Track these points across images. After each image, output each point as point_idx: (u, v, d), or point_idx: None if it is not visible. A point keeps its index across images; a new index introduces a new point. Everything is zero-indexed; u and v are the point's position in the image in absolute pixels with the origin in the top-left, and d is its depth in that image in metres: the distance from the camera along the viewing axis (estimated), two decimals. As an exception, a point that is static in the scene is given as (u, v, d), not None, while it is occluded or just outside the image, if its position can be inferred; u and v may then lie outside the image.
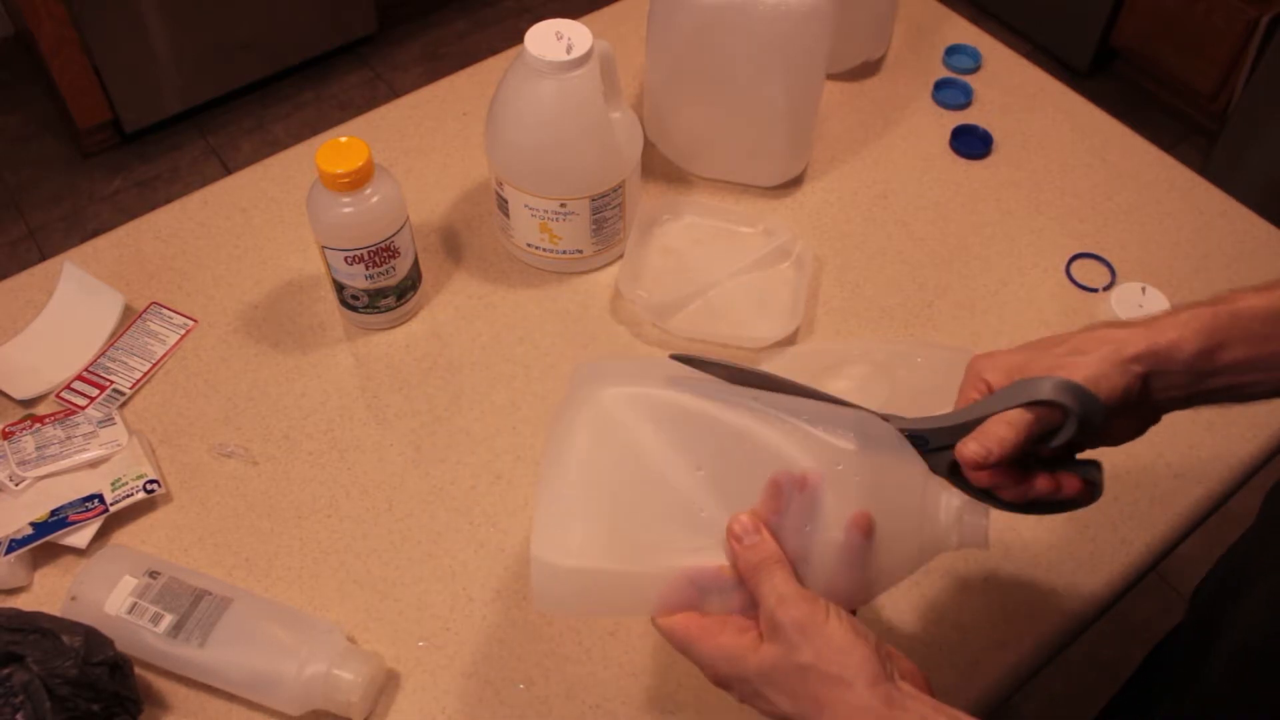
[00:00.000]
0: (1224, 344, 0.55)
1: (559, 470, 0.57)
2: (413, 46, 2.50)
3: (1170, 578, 1.71)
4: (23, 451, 0.80)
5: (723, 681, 0.54)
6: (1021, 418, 0.55)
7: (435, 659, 0.74)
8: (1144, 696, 0.91)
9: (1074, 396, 0.54)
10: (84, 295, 0.91)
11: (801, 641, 0.50)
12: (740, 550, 0.53)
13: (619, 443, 0.57)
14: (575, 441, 0.57)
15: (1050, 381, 0.55)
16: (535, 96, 0.84)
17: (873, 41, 1.12)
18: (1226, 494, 0.84)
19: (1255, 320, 0.55)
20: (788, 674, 0.50)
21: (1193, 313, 0.56)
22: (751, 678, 0.51)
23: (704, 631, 0.54)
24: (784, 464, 0.55)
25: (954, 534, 0.57)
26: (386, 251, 0.85)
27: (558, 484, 0.57)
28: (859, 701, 0.49)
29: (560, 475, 0.57)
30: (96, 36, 2.02)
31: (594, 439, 0.57)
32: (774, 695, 0.51)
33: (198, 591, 0.71)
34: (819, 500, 0.54)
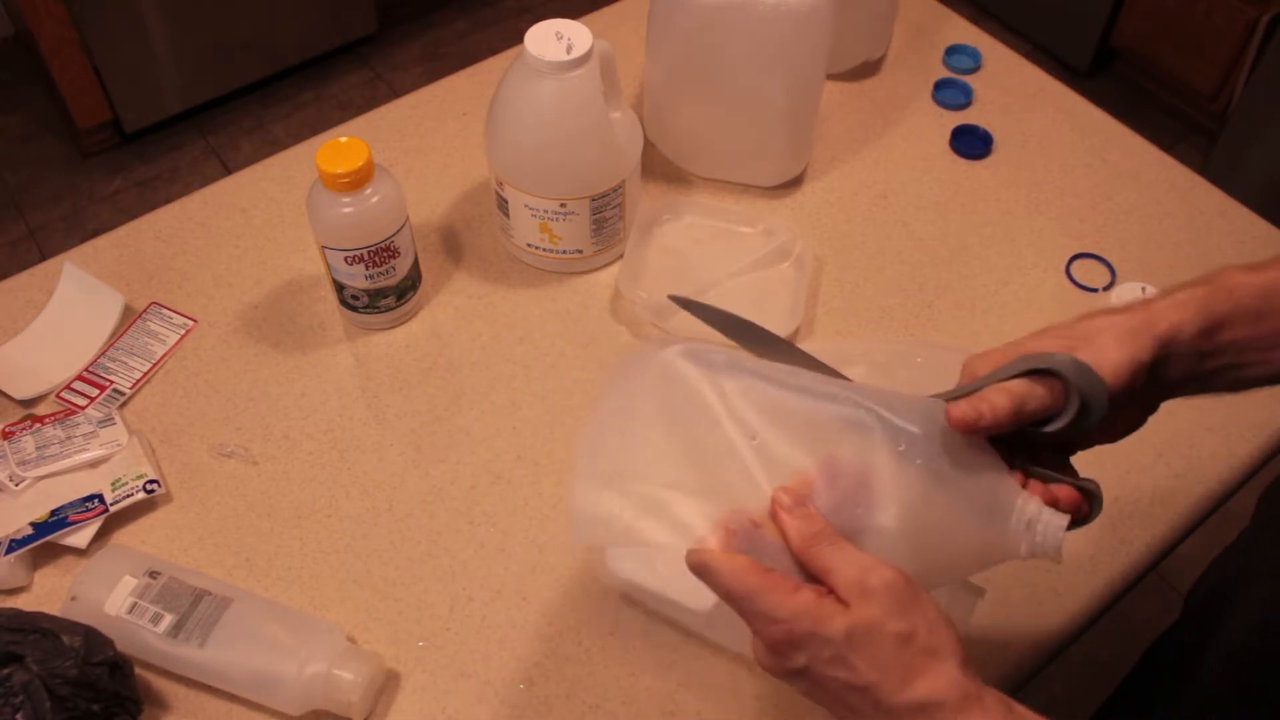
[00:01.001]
0: (1223, 323, 0.54)
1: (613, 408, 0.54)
2: (413, 46, 2.50)
3: (1170, 578, 1.71)
4: (23, 451, 0.80)
5: (794, 641, 0.48)
6: (1019, 386, 0.51)
7: (435, 659, 0.74)
8: (1141, 697, 0.91)
9: (1077, 371, 0.51)
10: (84, 295, 0.91)
11: (900, 609, 0.48)
12: (791, 521, 0.50)
13: (680, 394, 0.54)
14: (635, 386, 0.55)
15: (1054, 354, 0.52)
16: (535, 96, 0.84)
17: (873, 41, 1.12)
18: (1226, 494, 0.84)
19: (1250, 298, 0.54)
20: (882, 639, 0.47)
21: (1190, 293, 0.54)
22: (837, 640, 0.47)
23: (781, 584, 0.48)
24: (842, 438, 0.52)
25: (1024, 540, 0.52)
26: (386, 251, 0.85)
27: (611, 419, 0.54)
28: (952, 677, 0.47)
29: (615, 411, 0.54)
30: (96, 36, 2.02)
31: (655, 386, 0.54)
32: (858, 661, 0.47)
33: (198, 591, 0.71)
34: (874, 482, 0.51)
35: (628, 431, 0.54)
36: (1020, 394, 0.51)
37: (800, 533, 0.50)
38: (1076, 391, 0.52)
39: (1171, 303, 0.54)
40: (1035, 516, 0.52)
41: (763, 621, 0.49)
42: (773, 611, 0.48)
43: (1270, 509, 0.74)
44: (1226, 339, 0.54)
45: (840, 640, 0.47)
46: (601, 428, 0.55)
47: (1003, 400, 0.51)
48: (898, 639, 0.47)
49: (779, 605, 0.48)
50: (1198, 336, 0.54)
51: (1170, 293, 0.55)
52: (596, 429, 0.55)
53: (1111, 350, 0.52)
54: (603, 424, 0.55)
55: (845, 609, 0.48)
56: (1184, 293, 0.54)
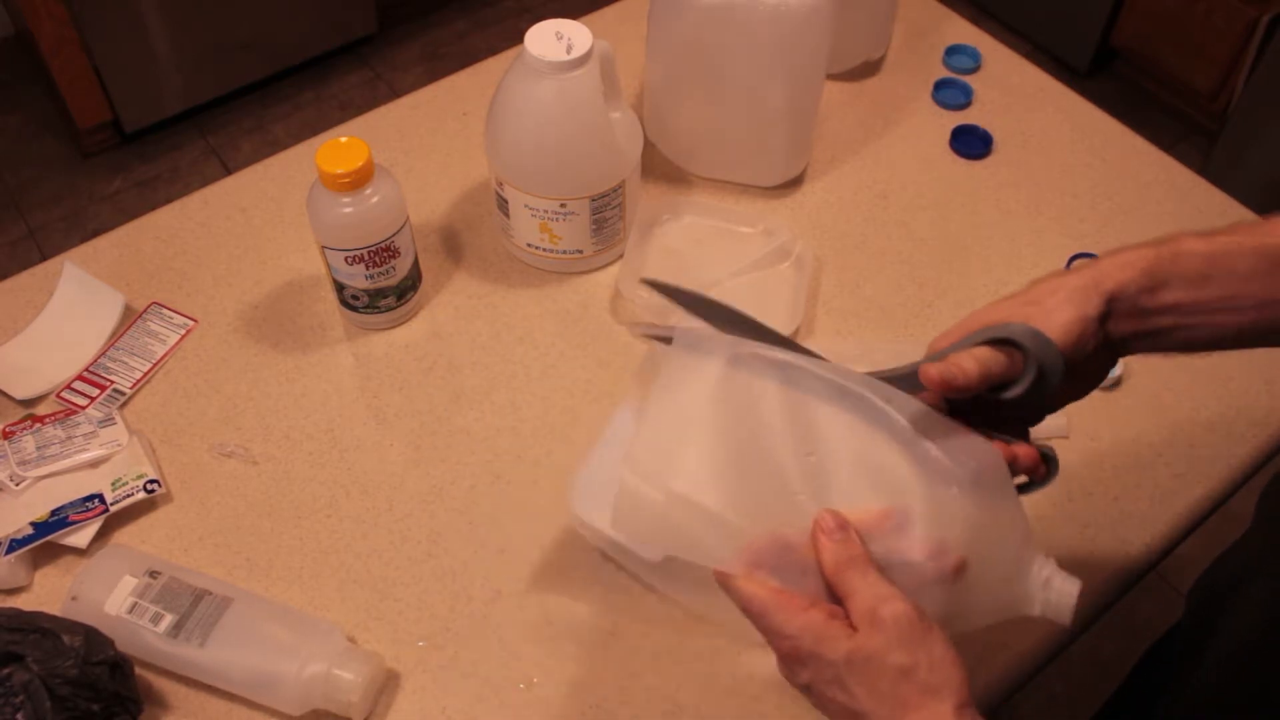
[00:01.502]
0: (1165, 283, 0.55)
1: (672, 403, 0.55)
2: (413, 46, 2.50)
3: (1170, 578, 1.71)
4: (23, 451, 0.80)
5: (800, 657, 0.50)
6: (983, 353, 0.54)
7: (435, 659, 0.74)
8: (1142, 695, 0.91)
9: (1033, 339, 0.54)
10: (84, 295, 0.91)
11: (904, 643, 0.49)
12: (829, 544, 0.52)
13: (742, 397, 0.55)
14: (697, 381, 0.56)
15: (1011, 324, 0.54)
16: (535, 96, 0.84)
17: (873, 41, 1.12)
18: (1226, 494, 0.84)
19: (1195, 261, 0.56)
20: (881, 670, 0.48)
21: (1138, 253, 0.56)
22: (838, 662, 0.49)
23: (790, 603, 0.51)
24: (896, 477, 0.53)
25: (1038, 600, 0.54)
26: (386, 251, 0.85)
27: (669, 414, 0.55)
28: (946, 711, 0.48)
29: (673, 407, 0.55)
30: (97, 36, 2.02)
31: (718, 385, 0.56)
32: (855, 687, 0.49)
33: (198, 591, 0.71)
34: (914, 521, 0.53)
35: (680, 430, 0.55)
36: (985, 359, 0.54)
37: (835, 556, 0.51)
38: (1034, 358, 0.54)
39: (1118, 262, 0.56)
40: (1050, 578, 0.55)
41: (773, 636, 0.51)
42: (781, 628, 0.51)
43: (1270, 508, 0.75)
44: (1169, 300, 0.56)
45: (841, 663, 0.49)
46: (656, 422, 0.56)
47: (970, 364, 0.53)
48: (897, 672, 0.48)
49: (787, 622, 0.50)
50: (1140, 294, 0.55)
51: (1118, 252, 0.57)
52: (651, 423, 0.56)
53: (1062, 311, 0.55)
54: (657, 418, 0.56)
55: (852, 634, 0.49)
56: (1133, 253, 0.56)
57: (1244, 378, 0.90)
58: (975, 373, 0.53)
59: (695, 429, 0.55)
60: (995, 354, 0.54)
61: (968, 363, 0.53)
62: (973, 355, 0.54)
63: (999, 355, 0.54)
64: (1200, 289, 0.56)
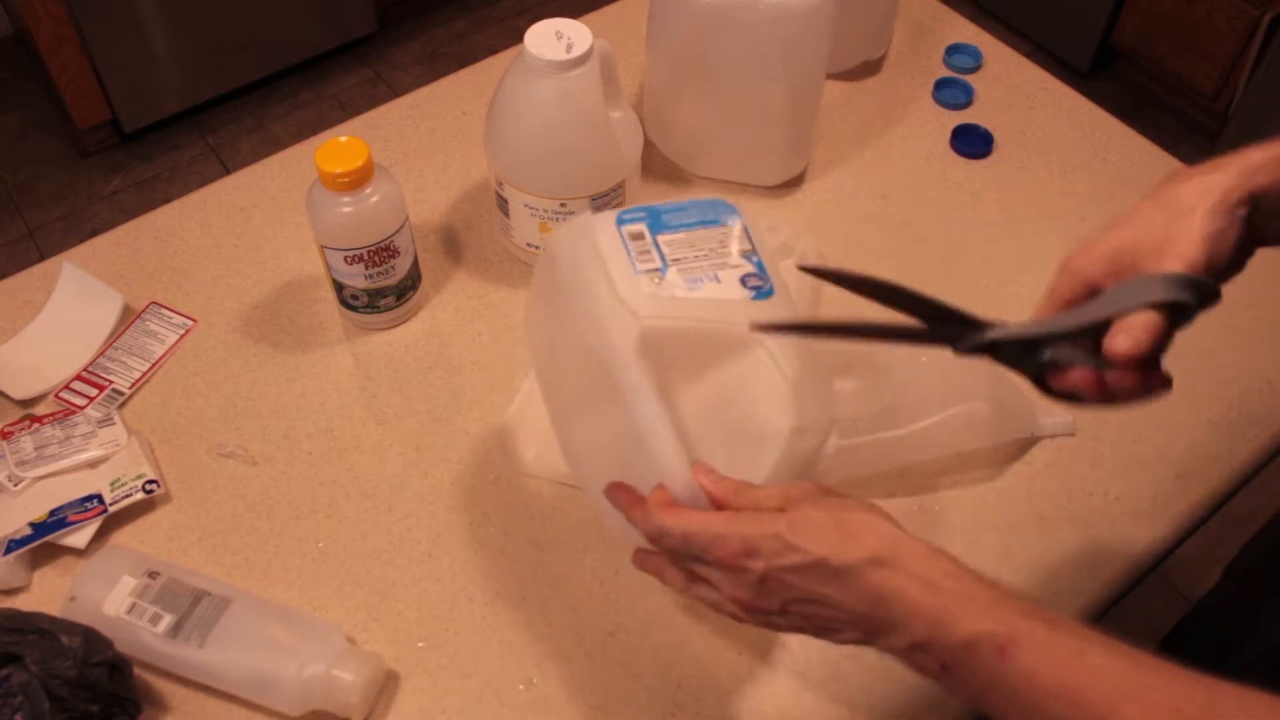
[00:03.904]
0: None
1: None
2: (412, 46, 2.50)
3: (1170, 578, 1.71)
4: (22, 452, 0.80)
5: (747, 548, 0.53)
6: (1152, 320, 0.53)
7: (435, 659, 0.73)
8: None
9: (1191, 290, 0.53)
10: (83, 295, 0.91)
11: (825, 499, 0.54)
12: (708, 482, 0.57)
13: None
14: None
15: (1161, 281, 0.53)
16: (535, 96, 0.84)
17: (873, 41, 1.12)
18: (1227, 494, 0.84)
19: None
20: (819, 519, 0.52)
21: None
22: (781, 531, 0.52)
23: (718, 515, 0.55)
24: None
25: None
26: (386, 251, 0.84)
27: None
28: (886, 530, 0.52)
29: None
30: (96, 36, 2.02)
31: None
32: (803, 541, 0.52)
33: (197, 592, 0.71)
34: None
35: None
36: (1154, 327, 0.53)
37: (722, 489, 0.56)
38: (1194, 308, 0.54)
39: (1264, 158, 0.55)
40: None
41: (718, 543, 0.54)
42: (722, 529, 0.54)
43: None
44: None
45: (785, 530, 0.52)
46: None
47: (1145, 336, 0.53)
48: (832, 517, 0.53)
49: (726, 524, 0.54)
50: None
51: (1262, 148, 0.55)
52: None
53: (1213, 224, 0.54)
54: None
55: (781, 513, 0.54)
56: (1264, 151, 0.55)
57: (1244, 378, 0.90)
58: (1149, 343, 0.53)
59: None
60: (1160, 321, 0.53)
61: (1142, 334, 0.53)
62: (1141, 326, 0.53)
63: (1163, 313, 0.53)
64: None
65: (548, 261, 0.65)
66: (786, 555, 0.52)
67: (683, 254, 0.63)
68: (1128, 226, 0.56)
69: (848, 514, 0.53)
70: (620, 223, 0.64)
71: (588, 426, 0.65)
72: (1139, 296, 0.53)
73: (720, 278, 0.62)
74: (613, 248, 0.62)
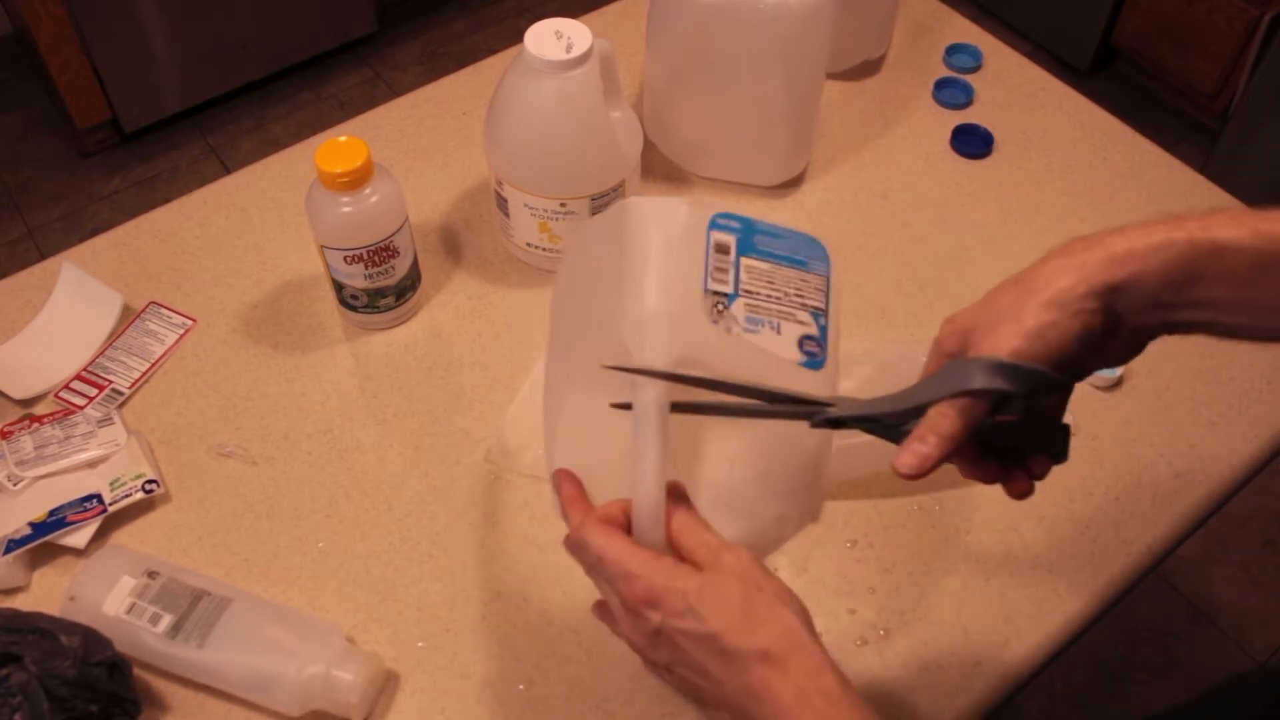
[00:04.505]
0: (1201, 278, 0.51)
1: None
2: (412, 46, 2.50)
3: (1170, 578, 1.71)
4: (21, 451, 0.80)
5: (651, 597, 0.52)
6: (962, 408, 0.51)
7: (435, 659, 0.73)
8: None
9: (1007, 377, 0.50)
10: (83, 295, 0.91)
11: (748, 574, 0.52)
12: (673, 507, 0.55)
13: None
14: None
15: (978, 366, 0.51)
16: (535, 96, 0.84)
17: (873, 41, 1.12)
18: (1227, 494, 0.84)
19: (1241, 260, 0.50)
20: (729, 593, 0.51)
21: (1167, 237, 0.51)
22: (689, 591, 0.51)
23: (642, 552, 0.53)
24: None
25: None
26: (386, 251, 0.84)
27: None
28: (790, 623, 0.51)
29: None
30: (96, 35, 2.02)
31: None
32: (707, 610, 0.50)
33: (197, 592, 0.71)
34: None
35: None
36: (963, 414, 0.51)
37: (679, 518, 0.55)
38: (1016, 395, 0.51)
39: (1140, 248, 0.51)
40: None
41: (625, 581, 0.53)
42: (635, 570, 0.52)
43: None
44: (1204, 297, 0.51)
45: (691, 592, 0.51)
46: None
47: (949, 428, 0.51)
48: (743, 594, 0.51)
49: (640, 566, 0.52)
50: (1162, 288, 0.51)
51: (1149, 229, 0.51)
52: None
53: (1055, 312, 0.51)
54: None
55: (699, 571, 0.52)
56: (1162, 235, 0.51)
57: (1244, 378, 0.90)
58: (955, 433, 0.51)
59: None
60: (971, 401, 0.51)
61: (945, 427, 0.51)
62: (946, 416, 0.51)
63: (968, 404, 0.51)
64: (1246, 291, 0.51)
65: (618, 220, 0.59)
66: (684, 618, 0.51)
67: (757, 287, 0.58)
68: (987, 300, 0.55)
69: (760, 596, 0.51)
70: (713, 226, 0.58)
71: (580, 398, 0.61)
72: (955, 383, 0.52)
73: (781, 329, 0.57)
74: (693, 249, 0.57)
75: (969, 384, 0.51)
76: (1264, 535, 1.72)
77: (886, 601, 0.77)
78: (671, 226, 0.57)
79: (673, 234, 0.57)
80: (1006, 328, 0.52)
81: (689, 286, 0.56)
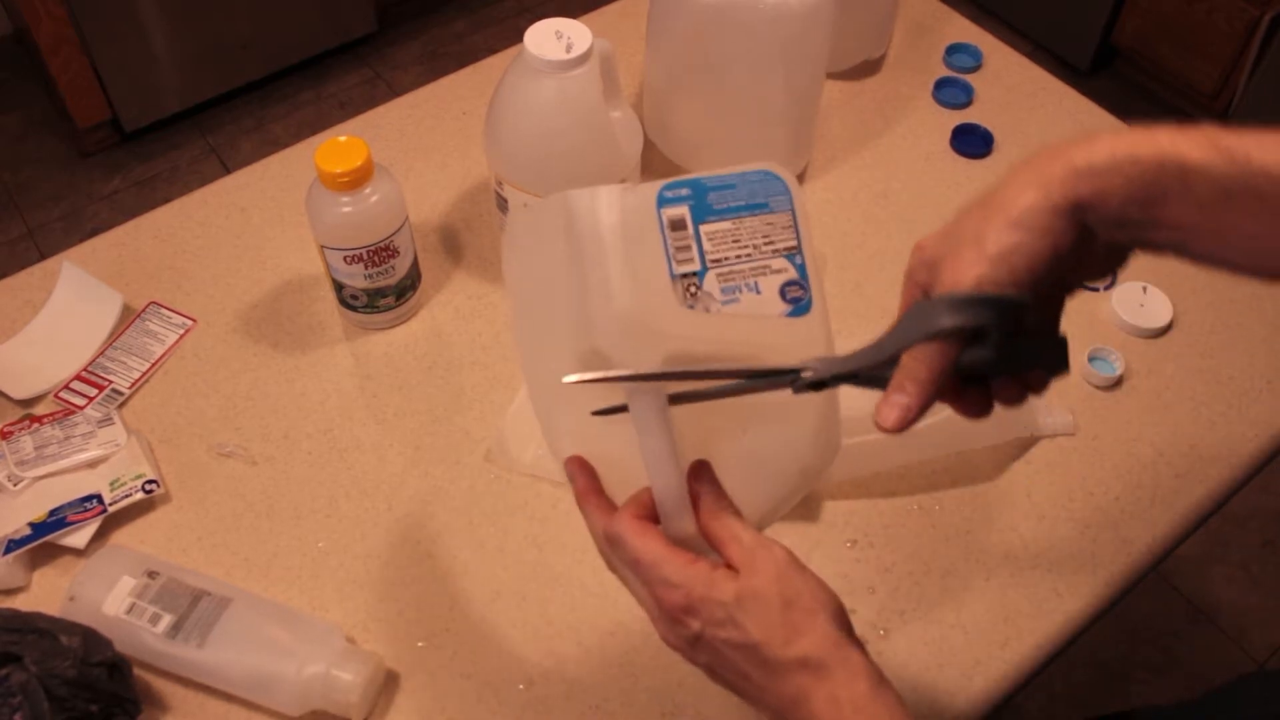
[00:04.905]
0: (1165, 199, 0.47)
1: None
2: (412, 46, 2.50)
3: (1170, 578, 1.71)
4: (21, 451, 0.80)
5: (690, 605, 0.51)
6: (934, 351, 0.48)
7: (435, 659, 0.73)
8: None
9: (973, 311, 0.47)
10: (83, 295, 0.91)
11: (783, 579, 0.52)
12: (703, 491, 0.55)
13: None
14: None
15: (943, 305, 0.48)
16: (535, 96, 0.84)
17: (873, 40, 1.12)
18: (1227, 494, 0.84)
19: (1208, 187, 0.47)
20: (768, 603, 0.51)
21: (1131, 154, 0.47)
22: (729, 602, 0.51)
23: (679, 555, 0.52)
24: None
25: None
26: (386, 251, 0.84)
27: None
28: (828, 631, 0.51)
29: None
30: (96, 35, 2.02)
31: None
32: (747, 620, 0.50)
33: (196, 591, 0.71)
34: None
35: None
36: (937, 359, 0.49)
37: (709, 504, 0.54)
38: (992, 327, 0.48)
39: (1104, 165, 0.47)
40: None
41: (664, 588, 0.52)
42: (672, 577, 0.52)
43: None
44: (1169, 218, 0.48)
45: (731, 603, 0.51)
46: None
47: (925, 375, 0.49)
48: (782, 603, 0.51)
49: (678, 571, 0.52)
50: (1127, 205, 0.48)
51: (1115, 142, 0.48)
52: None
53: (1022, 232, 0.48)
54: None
55: (736, 577, 0.51)
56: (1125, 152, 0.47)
57: (1244, 378, 0.90)
58: (932, 380, 0.49)
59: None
60: (944, 343, 0.49)
61: (921, 374, 0.49)
62: (921, 361, 0.49)
63: (939, 346, 0.49)
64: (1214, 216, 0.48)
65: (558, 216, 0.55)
66: (725, 628, 0.51)
67: (724, 252, 0.54)
68: (951, 225, 0.51)
69: (798, 602, 0.51)
70: (662, 204, 0.54)
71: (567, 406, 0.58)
72: (923, 326, 0.49)
73: (760, 287, 0.54)
74: (647, 235, 0.53)
75: (937, 325, 0.48)
76: (1264, 535, 1.72)
77: (886, 601, 0.77)
78: (620, 214, 0.54)
79: (624, 221, 0.53)
80: (969, 254, 0.48)
81: (655, 277, 0.53)
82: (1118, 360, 0.89)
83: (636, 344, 0.52)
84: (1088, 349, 0.89)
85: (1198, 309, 0.94)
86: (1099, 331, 0.92)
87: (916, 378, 0.49)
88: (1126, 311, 0.92)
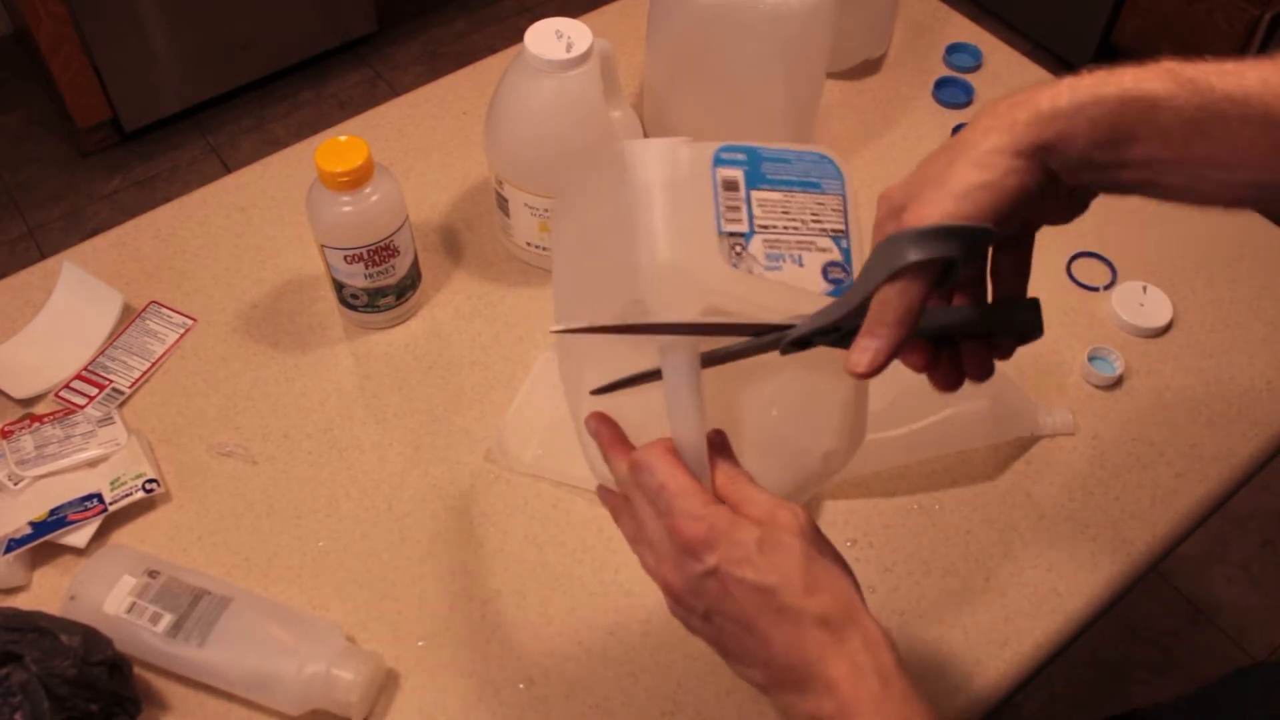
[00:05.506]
0: (1132, 137, 0.47)
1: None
2: (412, 46, 2.50)
3: (1170, 578, 1.71)
4: (22, 451, 0.80)
5: (710, 539, 0.49)
6: (901, 288, 0.47)
7: (435, 659, 0.73)
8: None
9: (939, 242, 0.46)
10: (83, 294, 0.91)
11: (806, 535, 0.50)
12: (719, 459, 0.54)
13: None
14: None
15: (907, 239, 0.47)
16: (535, 95, 0.84)
17: (873, 40, 1.12)
18: (1226, 494, 0.84)
19: (1175, 118, 0.47)
20: (791, 550, 0.49)
21: (1095, 94, 0.47)
22: (750, 542, 0.49)
23: (702, 489, 0.51)
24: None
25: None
26: (386, 250, 0.84)
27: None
28: (850, 593, 0.50)
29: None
30: (96, 35, 2.02)
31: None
32: (766, 561, 0.48)
33: (197, 591, 0.71)
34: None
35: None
36: (905, 298, 0.47)
37: (725, 469, 0.53)
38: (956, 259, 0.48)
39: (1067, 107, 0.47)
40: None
41: (685, 519, 0.50)
42: (694, 509, 0.50)
43: None
44: (1138, 156, 0.48)
45: (752, 542, 0.49)
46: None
47: (894, 317, 0.47)
48: (804, 553, 0.49)
49: (703, 505, 0.50)
50: (1092, 147, 0.48)
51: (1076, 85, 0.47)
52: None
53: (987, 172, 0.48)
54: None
55: (759, 525, 0.50)
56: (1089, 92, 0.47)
57: (1244, 378, 0.90)
58: (902, 322, 0.47)
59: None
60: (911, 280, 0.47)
61: (889, 317, 0.47)
62: (888, 304, 0.47)
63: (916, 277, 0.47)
64: (1182, 150, 0.48)
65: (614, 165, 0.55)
66: (743, 566, 0.48)
67: (772, 220, 0.55)
68: (916, 170, 0.51)
69: (821, 559, 0.49)
70: (718, 163, 0.55)
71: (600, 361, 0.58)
72: (889, 263, 0.47)
73: (803, 261, 0.54)
74: (701, 189, 0.54)
75: (903, 260, 0.47)
76: (1264, 535, 1.72)
77: (886, 601, 0.77)
78: (675, 168, 0.54)
79: (678, 176, 0.54)
80: (934, 193, 0.48)
81: (703, 231, 0.53)
82: (1118, 360, 0.89)
83: (677, 293, 0.52)
84: (1088, 349, 0.89)
85: (1198, 309, 0.94)
86: (1099, 331, 0.92)
87: (884, 320, 0.48)
88: (1126, 311, 0.92)
